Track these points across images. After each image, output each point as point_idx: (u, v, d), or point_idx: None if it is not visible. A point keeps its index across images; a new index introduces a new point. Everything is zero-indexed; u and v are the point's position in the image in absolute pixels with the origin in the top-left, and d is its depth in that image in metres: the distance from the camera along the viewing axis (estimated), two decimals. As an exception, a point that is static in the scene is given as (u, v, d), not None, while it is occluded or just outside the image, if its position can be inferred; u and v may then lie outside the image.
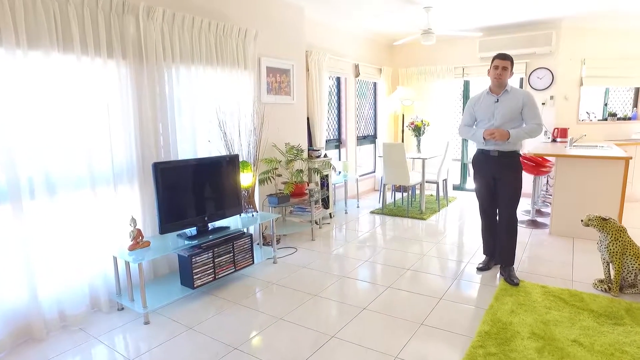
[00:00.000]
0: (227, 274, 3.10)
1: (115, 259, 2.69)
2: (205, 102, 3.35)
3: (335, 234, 4.47)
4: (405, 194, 6.21)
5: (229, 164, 3.24)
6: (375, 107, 6.88)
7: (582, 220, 2.92)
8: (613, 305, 2.67)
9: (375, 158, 7.00)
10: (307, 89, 4.79)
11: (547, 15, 5.11)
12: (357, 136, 6.32)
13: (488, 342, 2.26)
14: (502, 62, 3.06)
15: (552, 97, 5.63)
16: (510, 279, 3.05)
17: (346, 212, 5.41)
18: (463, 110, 6.55)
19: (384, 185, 5.38)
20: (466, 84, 6.42)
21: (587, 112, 5.79)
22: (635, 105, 6.08)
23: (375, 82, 6.73)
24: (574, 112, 5.65)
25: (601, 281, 2.97)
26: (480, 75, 6.15)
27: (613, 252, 2.79)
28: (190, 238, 2.94)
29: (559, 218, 4.16)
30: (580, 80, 5.56)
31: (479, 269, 3.34)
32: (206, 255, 2.92)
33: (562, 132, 5.52)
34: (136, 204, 2.94)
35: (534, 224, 4.58)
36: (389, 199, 6.09)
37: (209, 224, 3.13)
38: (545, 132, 5.71)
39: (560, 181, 4.09)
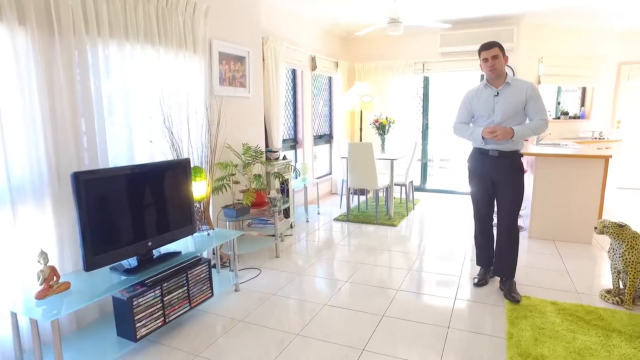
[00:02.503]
0: (181, 314, 2.39)
1: (14, 315, 1.85)
2: (144, 91, 2.59)
3: (302, 249, 3.88)
4: (365, 198, 5.79)
5: (178, 170, 2.52)
6: (331, 103, 6.38)
7: (595, 228, 2.63)
8: (635, 322, 2.39)
9: (332, 159, 6.51)
10: (263, 82, 4.13)
11: (509, 10, 4.96)
12: (314, 135, 5.78)
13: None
14: (490, 52, 2.70)
15: (513, 95, 5.51)
16: (511, 295, 2.69)
17: (307, 221, 4.84)
18: (423, 108, 6.33)
19: (349, 189, 4.89)
20: (426, 80, 6.15)
21: (548, 111, 5.77)
22: (582, 104, 6.22)
23: (330, 77, 6.23)
24: (533, 110, 5.59)
25: (608, 292, 2.71)
26: (441, 71, 5.90)
27: (629, 262, 2.52)
28: (130, 272, 2.19)
29: (538, 220, 3.95)
30: (538, 78, 5.51)
31: (477, 285, 2.95)
32: (152, 294, 2.18)
33: (524, 130, 5.42)
34: (48, 231, 2.12)
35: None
36: (355, 202, 5.62)
37: (154, 251, 2.39)
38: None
39: (540, 181, 3.88)
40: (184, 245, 2.67)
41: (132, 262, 2.27)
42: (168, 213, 2.46)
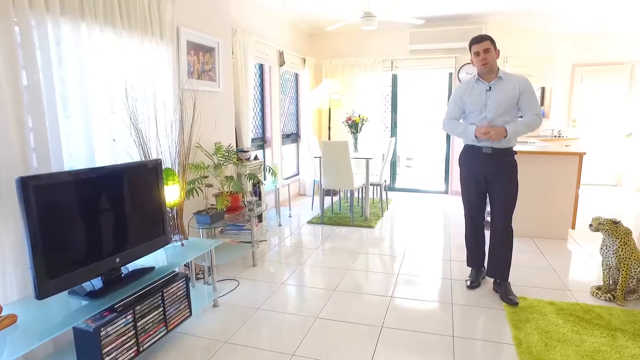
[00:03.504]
0: (157, 339, 2.04)
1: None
2: (105, 82, 2.21)
3: (279, 256, 3.60)
4: (336, 199, 5.61)
5: (148, 173, 2.16)
6: (297, 101, 6.13)
7: (590, 225, 2.60)
8: (633, 319, 2.37)
9: (299, 159, 6.26)
10: (232, 76, 3.81)
11: (477, 10, 4.99)
12: (282, 134, 5.50)
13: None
14: (482, 45, 2.60)
15: (480, 93, 5.57)
16: (508, 297, 2.60)
17: (280, 224, 4.56)
18: (392, 106, 6.25)
19: (323, 190, 4.67)
20: (394, 78, 6.07)
21: (508, 109, 5.89)
22: (542, 103, 6.44)
23: (297, 74, 5.98)
24: (499, 108, 5.68)
25: (599, 288, 2.70)
26: (410, 68, 5.85)
27: (622, 258, 2.51)
28: (94, 295, 1.82)
29: (516, 217, 3.93)
30: (503, 77, 5.60)
31: (471, 287, 2.85)
32: (123, 320, 1.83)
33: (491, 129, 5.49)
34: (-16, 251, 1.71)
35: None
36: (318, 204, 5.41)
37: (123, 268, 2.03)
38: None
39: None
40: (155, 259, 2.32)
41: (97, 282, 1.90)
42: (137, 223, 2.10)
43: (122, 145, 2.31)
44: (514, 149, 2.69)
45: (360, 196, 5.36)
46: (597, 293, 2.67)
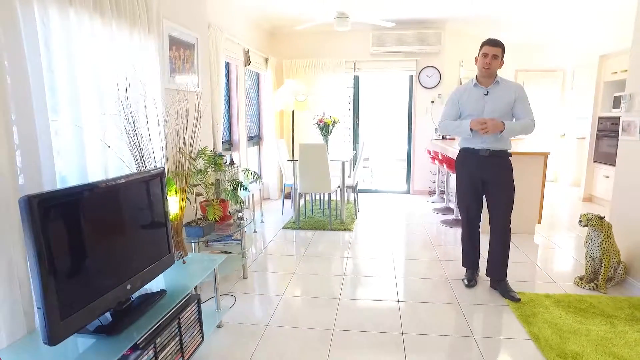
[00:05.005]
0: (173, 375, 1.80)
1: None
2: (96, 78, 1.90)
3: (267, 265, 3.42)
4: (302, 202, 5.50)
5: (152, 185, 1.90)
6: (259, 102, 5.92)
7: (580, 221, 2.79)
8: (620, 305, 2.58)
9: (261, 162, 6.04)
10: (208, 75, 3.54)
11: (435, 15, 5.18)
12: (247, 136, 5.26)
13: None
14: (493, 49, 2.66)
15: (440, 96, 5.81)
16: (510, 294, 2.70)
17: (255, 232, 4.35)
18: (353, 108, 6.27)
19: (299, 194, 4.54)
20: (356, 80, 6.10)
21: (462, 111, 6.20)
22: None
23: (258, 74, 5.76)
24: (455, 110, 5.96)
25: (581, 278, 2.91)
26: (372, 70, 5.91)
27: (605, 250, 2.73)
28: (105, 330, 1.55)
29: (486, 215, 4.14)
30: (460, 81, 5.89)
31: (469, 286, 2.91)
32: (146, 357, 1.58)
33: (450, 130, 5.74)
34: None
35: (457, 222, 4.52)
36: (289, 209, 5.27)
37: (132, 296, 1.75)
38: (436, 129, 5.87)
39: (489, 178, 4.07)
40: (158, 280, 2.05)
41: (106, 316, 1.62)
42: (145, 241, 1.84)
43: (114, 151, 2.00)
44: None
45: (327, 198, 5.30)
46: (580, 283, 2.87)
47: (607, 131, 5.00)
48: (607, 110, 5.08)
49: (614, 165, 4.81)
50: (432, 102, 5.84)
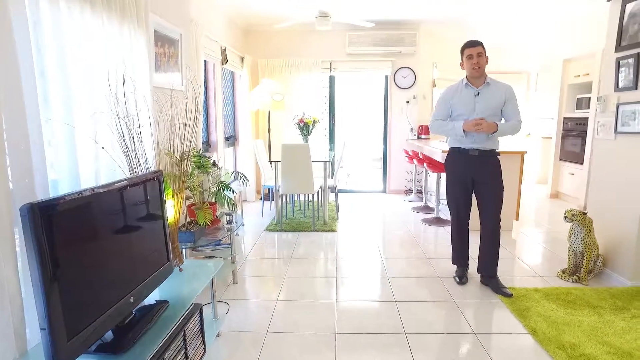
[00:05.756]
0: (179, 391, 1.69)
1: None
2: (89, 74, 1.75)
3: (256, 269, 3.32)
4: (281, 203, 5.41)
5: (151, 189, 1.78)
6: (234, 102, 5.76)
7: (565, 217, 2.91)
8: (602, 295, 2.71)
9: (236, 163, 5.89)
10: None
11: (411, 17, 5.27)
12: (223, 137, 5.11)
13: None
14: (475, 49, 2.73)
15: (415, 96, 5.90)
16: (502, 290, 2.77)
17: (237, 235, 4.22)
18: (329, 108, 6.25)
19: (281, 196, 4.46)
20: (332, 80, 6.09)
21: (436, 112, 6.34)
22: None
23: (233, 73, 5.61)
24: (429, 110, 6.09)
25: (564, 271, 3.04)
26: (348, 70, 5.92)
27: (588, 244, 2.86)
28: (107, 349, 1.43)
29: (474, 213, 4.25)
30: (433, 82, 6.02)
31: (461, 283, 2.96)
32: (156, 375, 1.47)
33: (426, 130, 5.86)
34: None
35: (438, 221, 4.61)
36: (268, 211, 5.18)
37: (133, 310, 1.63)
38: (412, 129, 5.96)
39: (469, 176, 4.18)
40: (155, 290, 1.92)
41: (108, 334, 1.49)
42: (146, 249, 1.71)
43: (107, 152, 1.86)
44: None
45: (307, 200, 5.25)
46: (563, 276, 3.00)
47: (572, 131, 5.28)
48: (571, 111, 5.37)
49: (579, 163, 5.10)
50: (407, 102, 5.93)
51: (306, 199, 5.21)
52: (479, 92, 2.76)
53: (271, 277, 3.15)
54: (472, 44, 2.72)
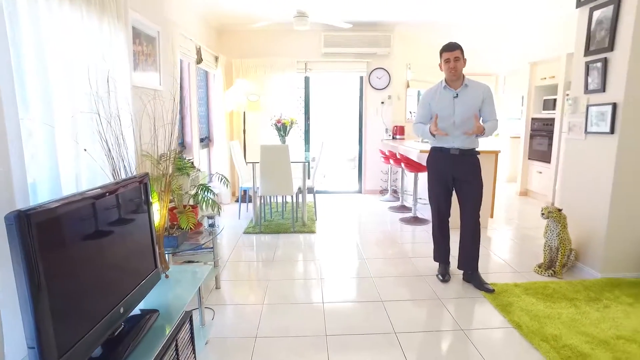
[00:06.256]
0: (171, 404, 1.61)
1: None
2: (68, 72, 1.65)
3: (238, 273, 3.25)
4: (252, 205, 5.34)
5: (137, 193, 1.70)
6: (208, 102, 5.63)
7: (542, 214, 3.01)
8: (576, 288, 2.83)
9: (210, 164, 5.76)
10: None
11: (385, 18, 5.33)
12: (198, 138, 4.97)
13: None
14: (453, 53, 2.79)
15: (389, 97, 5.98)
16: (484, 286, 2.84)
17: (215, 238, 4.11)
18: (304, 108, 6.22)
19: (260, 197, 4.39)
20: (307, 80, 6.07)
21: (410, 112, 6.45)
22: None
23: (207, 73, 5.48)
24: (403, 111, 6.19)
25: (540, 266, 3.16)
26: (324, 71, 5.91)
27: (563, 239, 2.99)
28: (100, 363, 1.34)
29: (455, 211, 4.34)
30: (407, 83, 6.11)
31: (444, 281, 3.01)
32: (151, 389, 1.39)
33: (400, 130, 5.95)
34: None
35: (416, 220, 4.68)
36: (244, 212, 5.09)
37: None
38: (387, 129, 6.04)
39: (446, 176, 4.27)
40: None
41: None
42: (134, 256, 1.63)
43: (90, 155, 1.76)
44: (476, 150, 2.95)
45: (284, 201, 5.21)
46: (540, 270, 3.11)
47: (539, 131, 5.51)
48: (538, 112, 5.60)
49: (547, 162, 5.32)
50: (382, 103, 5.99)
51: (284, 200, 5.16)
52: (457, 95, 2.82)
53: (254, 280, 3.09)
54: (450, 48, 2.77)
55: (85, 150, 1.70)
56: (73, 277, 1.22)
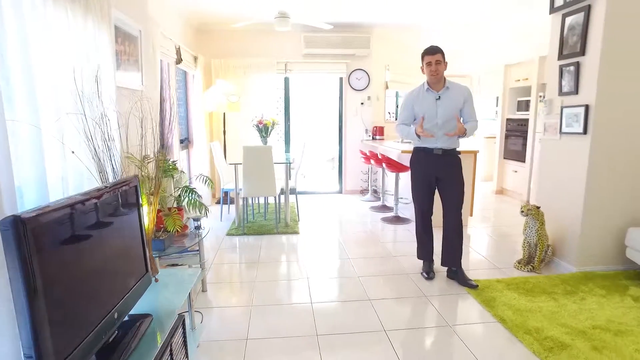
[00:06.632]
0: (166, 410, 1.59)
1: None
2: (54, 72, 1.60)
3: (224, 276, 3.22)
4: (233, 206, 5.29)
5: (128, 196, 1.66)
6: (187, 103, 5.53)
7: (522, 211, 3.12)
8: (554, 282, 2.95)
9: (190, 166, 5.66)
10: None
11: (365, 20, 5.40)
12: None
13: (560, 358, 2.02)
14: (434, 57, 2.87)
15: (369, 98, 6.05)
16: (468, 283, 2.92)
17: (197, 241, 4.05)
18: (285, 109, 6.21)
19: (244, 199, 4.36)
20: (287, 81, 6.06)
21: (388, 112, 6.54)
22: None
23: (186, 73, 5.39)
24: (383, 112, 6.27)
25: (519, 262, 3.27)
26: (304, 72, 5.92)
27: (541, 235, 3.11)
28: (95, 371, 1.31)
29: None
30: (386, 84, 6.20)
31: (429, 278, 3.08)
32: (148, 395, 1.37)
33: (380, 130, 6.03)
34: None
35: (398, 219, 4.75)
36: (226, 214, 5.04)
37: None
38: (366, 130, 6.10)
39: (427, 175, 4.36)
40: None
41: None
42: (126, 260, 1.59)
43: (78, 157, 1.71)
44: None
45: (266, 202, 5.18)
46: (519, 266, 3.23)
47: (514, 131, 5.70)
48: (513, 113, 5.80)
49: (521, 161, 5.51)
50: (362, 103, 6.06)
51: (265, 201, 5.14)
52: (439, 97, 2.90)
53: (241, 282, 3.07)
54: (431, 51, 2.84)
55: (73, 152, 1.65)
56: (68, 282, 1.19)
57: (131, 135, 2.58)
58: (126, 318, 1.63)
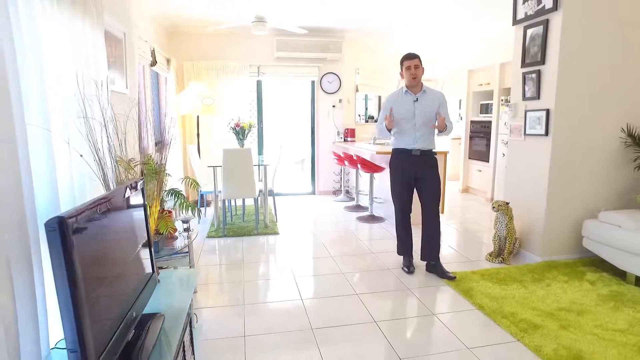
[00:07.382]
0: (180, 405, 1.63)
1: None
2: (61, 75, 1.60)
3: (211, 277, 3.24)
4: (210, 209, 5.28)
5: (138, 196, 1.69)
6: (159, 106, 5.45)
7: (493, 207, 3.37)
8: (522, 271, 3.22)
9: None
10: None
11: (336, 25, 5.55)
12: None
13: (532, 339, 2.23)
14: (413, 62, 3.07)
15: (340, 101, 6.21)
16: (446, 275, 3.11)
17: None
18: (257, 112, 6.24)
19: (224, 201, 4.37)
20: (259, 84, 6.10)
21: (359, 115, 6.74)
22: (378, 109, 7.59)
23: (158, 75, 5.31)
24: (353, 114, 6.46)
25: (490, 254, 3.53)
26: (276, 75, 5.99)
27: (510, 229, 3.37)
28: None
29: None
30: (356, 87, 6.39)
31: (409, 272, 3.25)
32: (172, 389, 1.42)
33: (351, 132, 6.20)
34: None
35: (373, 218, 4.93)
36: (204, 217, 5.02)
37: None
38: (338, 132, 6.26)
39: (400, 175, 4.57)
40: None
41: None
42: (139, 261, 1.62)
43: (85, 160, 1.71)
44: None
45: (244, 204, 5.21)
46: (490, 258, 3.48)
47: (478, 132, 6.06)
48: (476, 115, 6.16)
49: (485, 161, 5.87)
50: (334, 106, 6.21)
51: (243, 203, 5.16)
52: (417, 99, 3.09)
53: (229, 283, 3.10)
54: (410, 57, 3.04)
55: (81, 156, 1.65)
56: (99, 280, 1.22)
57: (115, 138, 2.57)
58: (167, 313, 1.67)
